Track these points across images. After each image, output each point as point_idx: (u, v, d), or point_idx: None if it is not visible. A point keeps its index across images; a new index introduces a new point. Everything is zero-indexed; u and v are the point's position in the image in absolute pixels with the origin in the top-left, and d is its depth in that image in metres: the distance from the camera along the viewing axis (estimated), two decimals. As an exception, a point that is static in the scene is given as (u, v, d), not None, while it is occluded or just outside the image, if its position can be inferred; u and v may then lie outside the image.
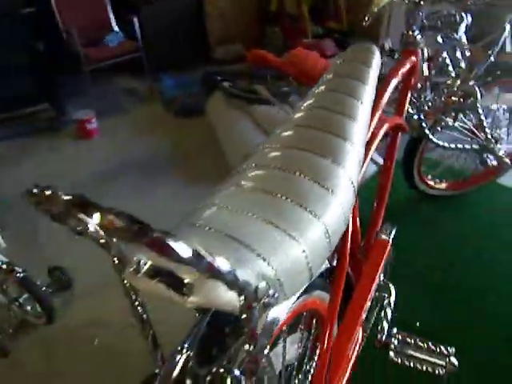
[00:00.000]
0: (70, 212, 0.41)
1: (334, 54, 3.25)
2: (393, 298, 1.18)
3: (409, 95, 1.24)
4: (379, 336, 1.12)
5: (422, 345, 1.10)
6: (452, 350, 1.08)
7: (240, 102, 2.87)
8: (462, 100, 1.46)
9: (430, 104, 1.54)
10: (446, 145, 1.83)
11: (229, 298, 0.43)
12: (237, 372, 0.52)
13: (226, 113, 2.87)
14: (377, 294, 1.14)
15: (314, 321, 0.89)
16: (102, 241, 0.46)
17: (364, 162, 0.79)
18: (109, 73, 3.81)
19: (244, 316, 0.44)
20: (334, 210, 0.58)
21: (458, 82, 1.50)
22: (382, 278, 1.15)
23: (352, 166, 0.64)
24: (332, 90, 0.76)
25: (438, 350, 1.08)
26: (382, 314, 1.16)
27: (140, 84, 3.68)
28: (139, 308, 0.55)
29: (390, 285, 1.18)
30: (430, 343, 1.09)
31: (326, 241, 0.57)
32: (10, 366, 1.61)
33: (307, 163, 0.62)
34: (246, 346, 0.48)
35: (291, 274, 0.52)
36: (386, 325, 1.14)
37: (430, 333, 1.25)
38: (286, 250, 0.51)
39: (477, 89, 1.48)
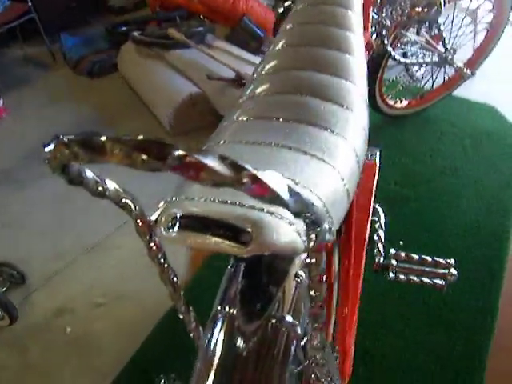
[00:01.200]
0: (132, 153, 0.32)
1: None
2: (383, 220, 1.19)
3: (370, 11, 1.21)
4: (377, 259, 1.13)
5: (419, 260, 1.13)
6: (451, 260, 1.10)
7: (154, 49, 2.70)
8: (425, 10, 1.44)
9: (391, 19, 1.50)
10: (407, 60, 1.80)
11: (291, 240, 0.40)
12: (289, 318, 0.51)
13: (142, 64, 2.70)
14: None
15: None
16: (125, 201, 0.44)
17: None
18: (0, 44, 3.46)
19: (311, 260, 0.41)
20: (357, 129, 0.55)
21: None
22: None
23: (360, 80, 0.60)
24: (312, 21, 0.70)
25: (438, 262, 1.11)
26: (376, 237, 1.17)
27: (39, 50, 3.36)
28: (170, 272, 0.51)
29: (377, 207, 1.19)
30: (429, 258, 1.12)
31: (356, 163, 0.54)
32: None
33: (314, 83, 0.57)
34: (312, 292, 0.46)
35: (335, 204, 0.49)
36: (381, 247, 1.15)
37: (414, 247, 1.31)
38: (326, 178, 0.48)
39: None
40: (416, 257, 1.13)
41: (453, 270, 1.08)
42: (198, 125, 2.36)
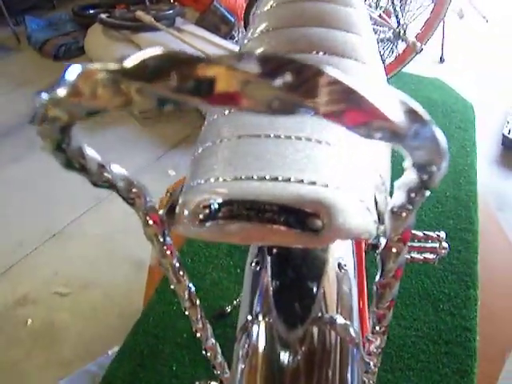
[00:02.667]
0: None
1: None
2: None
3: None
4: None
5: (412, 235, 1.09)
6: (442, 233, 1.06)
7: (122, 32, 2.62)
8: None
9: None
10: None
11: (365, 220, 0.33)
12: (341, 320, 0.43)
13: (110, 47, 2.62)
14: None
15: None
16: (134, 194, 0.34)
17: None
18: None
19: (391, 248, 0.32)
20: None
21: None
22: None
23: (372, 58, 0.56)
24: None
25: (429, 236, 1.06)
26: None
27: (2, 32, 3.22)
28: (185, 280, 0.43)
29: None
30: (419, 232, 1.08)
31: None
32: None
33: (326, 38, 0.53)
34: (381, 290, 0.37)
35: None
36: None
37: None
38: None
39: None
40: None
41: (444, 243, 1.04)
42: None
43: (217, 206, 0.32)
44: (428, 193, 0.28)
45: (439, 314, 1.29)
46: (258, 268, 0.48)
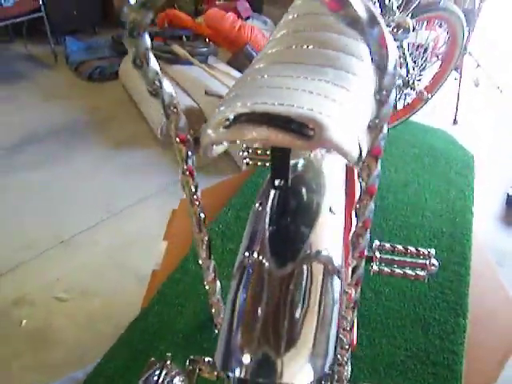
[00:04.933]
0: None
1: (249, 17, 3.21)
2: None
3: None
4: None
5: (403, 250, 1.12)
6: (432, 251, 1.10)
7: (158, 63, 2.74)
8: (395, 30, 1.48)
9: None
10: None
11: (350, 147, 0.41)
12: (325, 252, 0.50)
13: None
14: None
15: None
16: (173, 109, 0.47)
17: None
18: (4, 37, 3.48)
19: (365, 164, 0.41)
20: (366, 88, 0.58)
21: (397, 12, 1.51)
22: None
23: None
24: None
25: (419, 252, 1.10)
26: None
27: (41, 49, 3.38)
28: (198, 206, 0.51)
29: None
30: (410, 248, 1.11)
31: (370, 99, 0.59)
32: None
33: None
34: (356, 211, 0.44)
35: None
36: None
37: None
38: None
39: (410, 21, 1.50)
40: (400, 247, 1.12)
41: (434, 260, 1.06)
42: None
43: (237, 116, 0.43)
44: (389, 99, 0.37)
45: (429, 337, 1.32)
46: (260, 209, 0.55)
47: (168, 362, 0.59)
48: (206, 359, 0.65)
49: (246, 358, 0.45)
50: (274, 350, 0.45)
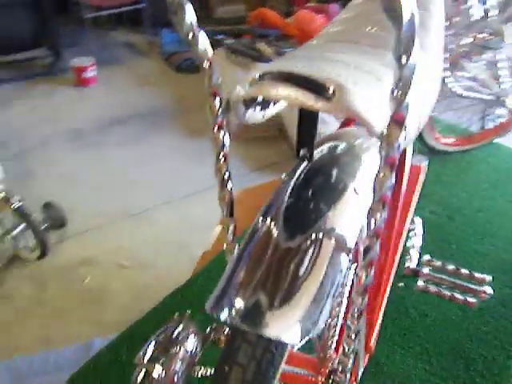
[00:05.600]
0: None
1: (340, 20, 3.21)
2: (420, 231, 1.13)
3: None
4: (408, 264, 1.07)
5: (454, 270, 1.04)
6: (488, 277, 1.01)
7: (243, 59, 2.83)
8: (489, 37, 1.42)
9: (451, 44, 1.48)
10: (464, 93, 1.70)
11: (377, 119, 0.40)
12: (340, 230, 0.48)
13: (229, 69, 2.82)
14: None
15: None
16: (208, 60, 0.47)
17: None
18: (107, 25, 3.75)
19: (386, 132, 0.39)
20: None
21: (494, 17, 1.44)
22: None
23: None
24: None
25: (473, 276, 1.02)
26: (411, 243, 1.12)
27: (139, 38, 3.61)
28: (224, 162, 0.54)
29: (417, 217, 1.14)
30: (463, 269, 1.03)
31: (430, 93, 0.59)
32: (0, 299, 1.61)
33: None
34: (376, 184, 0.42)
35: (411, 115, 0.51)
36: (414, 253, 1.08)
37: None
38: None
39: (506, 29, 1.43)
40: (451, 267, 1.04)
41: (488, 288, 0.99)
42: (261, 135, 2.43)
43: (262, 75, 0.46)
44: (409, 60, 0.34)
45: (469, 372, 1.23)
46: (285, 179, 0.55)
47: (186, 320, 0.61)
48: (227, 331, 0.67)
49: (236, 304, 0.46)
50: (267, 302, 0.45)
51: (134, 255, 1.76)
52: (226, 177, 0.55)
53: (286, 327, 0.45)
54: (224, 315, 0.46)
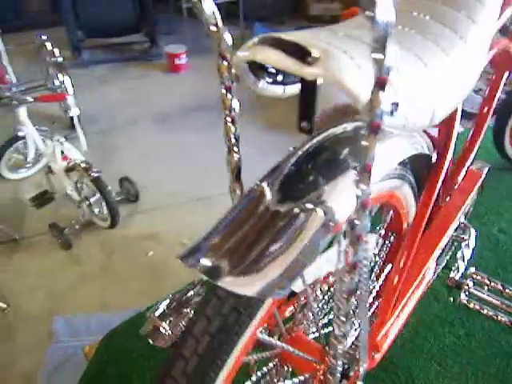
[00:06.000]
0: None
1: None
2: (472, 241, 1.08)
3: None
4: (453, 274, 1.04)
5: (499, 288, 1.01)
6: None
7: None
8: None
9: None
10: None
11: (360, 88, 0.40)
12: (331, 204, 0.49)
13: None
14: (455, 234, 1.05)
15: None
16: (216, 30, 0.50)
17: None
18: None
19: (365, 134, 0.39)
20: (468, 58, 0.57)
21: None
22: (462, 218, 1.07)
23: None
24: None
25: None
26: (459, 254, 1.08)
27: (232, 31, 3.68)
28: (232, 111, 0.57)
29: (471, 227, 1.09)
30: (510, 288, 0.99)
31: (453, 84, 0.56)
32: (70, 259, 1.73)
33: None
34: (358, 185, 0.43)
35: (415, 101, 0.50)
36: (462, 265, 1.05)
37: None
38: (415, 71, 0.50)
39: None
40: (498, 283, 1.00)
41: None
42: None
43: (257, 41, 0.47)
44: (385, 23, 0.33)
45: None
46: (291, 150, 0.56)
47: (202, 285, 0.63)
48: None
49: (208, 256, 0.48)
50: (237, 257, 0.46)
51: (196, 236, 1.81)
52: (233, 141, 0.58)
53: (244, 282, 0.46)
54: (191, 263, 0.47)
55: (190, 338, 0.53)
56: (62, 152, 1.77)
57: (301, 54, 0.43)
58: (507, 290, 0.99)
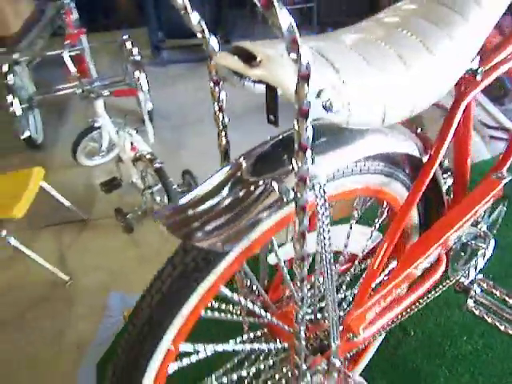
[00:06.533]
0: None
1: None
2: (490, 252, 1.08)
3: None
4: (462, 279, 1.05)
5: (503, 296, 1.01)
6: None
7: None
8: None
9: None
10: None
11: (290, 83, 0.48)
12: (288, 184, 0.57)
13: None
14: (474, 242, 1.06)
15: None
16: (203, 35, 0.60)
17: None
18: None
19: (296, 126, 0.48)
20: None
21: None
22: (484, 227, 1.07)
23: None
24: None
25: None
26: (474, 262, 1.08)
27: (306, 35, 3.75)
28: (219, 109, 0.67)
29: (492, 238, 1.09)
30: None
31: (408, 90, 0.61)
32: (130, 242, 1.86)
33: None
34: (294, 163, 0.51)
35: (361, 102, 0.56)
36: (472, 272, 1.06)
37: None
38: (364, 76, 0.57)
39: None
40: (503, 291, 1.01)
41: None
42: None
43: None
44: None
45: None
46: (269, 137, 0.65)
47: None
48: None
49: (174, 213, 0.57)
50: (205, 217, 0.57)
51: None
52: (221, 126, 0.68)
53: (201, 237, 0.56)
54: (159, 218, 0.57)
55: (158, 280, 0.64)
56: (132, 143, 1.91)
57: (249, 57, 0.52)
58: (510, 300, 1.00)
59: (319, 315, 0.87)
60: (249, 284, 0.83)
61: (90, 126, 2.14)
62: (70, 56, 2.06)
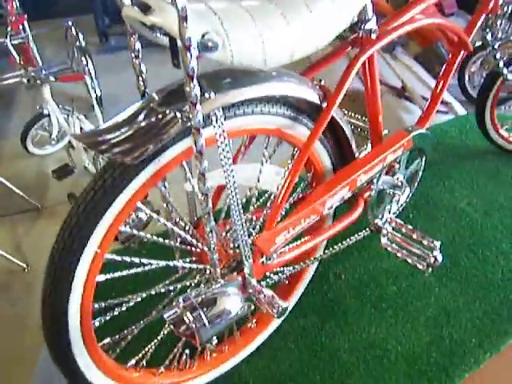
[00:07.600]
0: None
1: (453, 13, 3.09)
2: (403, 199, 1.21)
3: (482, 18, 1.23)
4: (377, 220, 1.19)
5: (410, 232, 1.15)
6: (437, 243, 1.10)
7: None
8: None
9: (507, 34, 1.43)
10: None
11: (176, 25, 0.59)
12: (178, 114, 0.71)
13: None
14: (391, 190, 1.17)
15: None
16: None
17: None
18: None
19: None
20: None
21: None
22: (401, 178, 1.19)
23: None
24: None
25: (424, 238, 1.13)
26: (388, 206, 1.20)
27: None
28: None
29: (407, 187, 1.22)
30: (417, 232, 1.12)
31: (287, 41, 0.74)
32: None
33: None
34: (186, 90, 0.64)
35: (241, 47, 0.69)
36: (387, 215, 1.21)
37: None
38: (247, 28, 0.69)
39: None
40: (409, 227, 1.15)
41: (437, 254, 1.08)
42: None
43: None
44: None
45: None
46: (180, 78, 0.75)
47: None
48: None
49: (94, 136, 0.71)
50: (120, 136, 0.70)
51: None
52: (139, 71, 0.82)
53: (114, 150, 0.69)
54: (79, 138, 0.73)
55: (84, 192, 0.77)
56: (81, 128, 1.92)
57: (146, 8, 0.63)
58: (416, 233, 1.14)
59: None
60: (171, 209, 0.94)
61: (38, 114, 2.13)
62: (13, 45, 2.04)
